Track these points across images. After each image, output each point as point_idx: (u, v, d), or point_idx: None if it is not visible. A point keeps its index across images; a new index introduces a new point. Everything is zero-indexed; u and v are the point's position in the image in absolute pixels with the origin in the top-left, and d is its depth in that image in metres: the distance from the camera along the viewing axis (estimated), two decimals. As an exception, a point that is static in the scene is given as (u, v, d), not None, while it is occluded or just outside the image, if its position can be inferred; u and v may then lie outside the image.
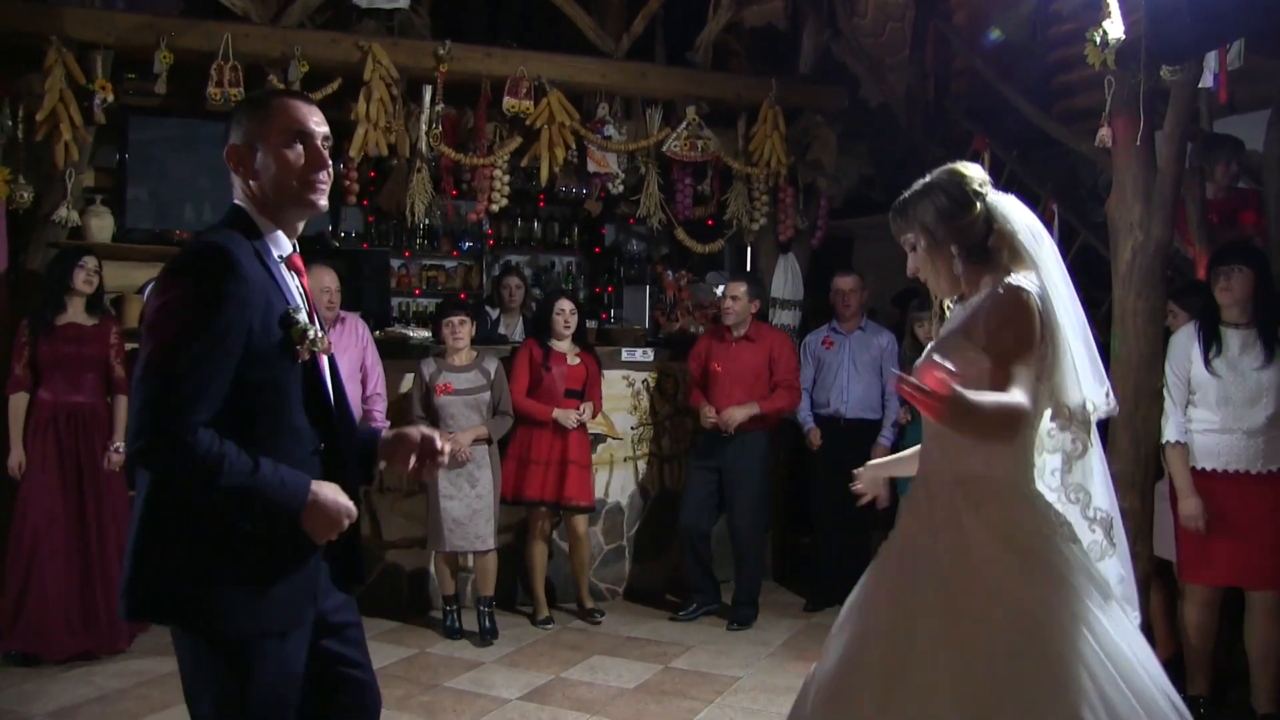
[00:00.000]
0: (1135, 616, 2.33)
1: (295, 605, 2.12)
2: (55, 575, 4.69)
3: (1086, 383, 2.31)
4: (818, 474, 5.97)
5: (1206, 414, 4.07)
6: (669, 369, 6.33)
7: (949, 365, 2.10)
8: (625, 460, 6.26)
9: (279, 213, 2.20)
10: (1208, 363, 4.05)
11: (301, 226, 2.30)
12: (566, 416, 5.44)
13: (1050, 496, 2.35)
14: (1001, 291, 2.27)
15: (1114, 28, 3.95)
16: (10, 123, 5.17)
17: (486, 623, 5.34)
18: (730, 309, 5.66)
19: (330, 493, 2.10)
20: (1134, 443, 4.18)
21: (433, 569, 5.64)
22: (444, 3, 6.89)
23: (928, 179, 2.42)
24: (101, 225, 5.56)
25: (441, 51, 5.84)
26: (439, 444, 2.36)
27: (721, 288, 5.86)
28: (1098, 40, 4.00)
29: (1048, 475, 2.38)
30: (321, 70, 5.63)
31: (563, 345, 5.62)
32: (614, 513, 6.24)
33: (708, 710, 4.40)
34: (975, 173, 2.41)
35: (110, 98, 5.24)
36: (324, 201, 2.23)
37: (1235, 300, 4.03)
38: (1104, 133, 4.35)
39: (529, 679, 4.75)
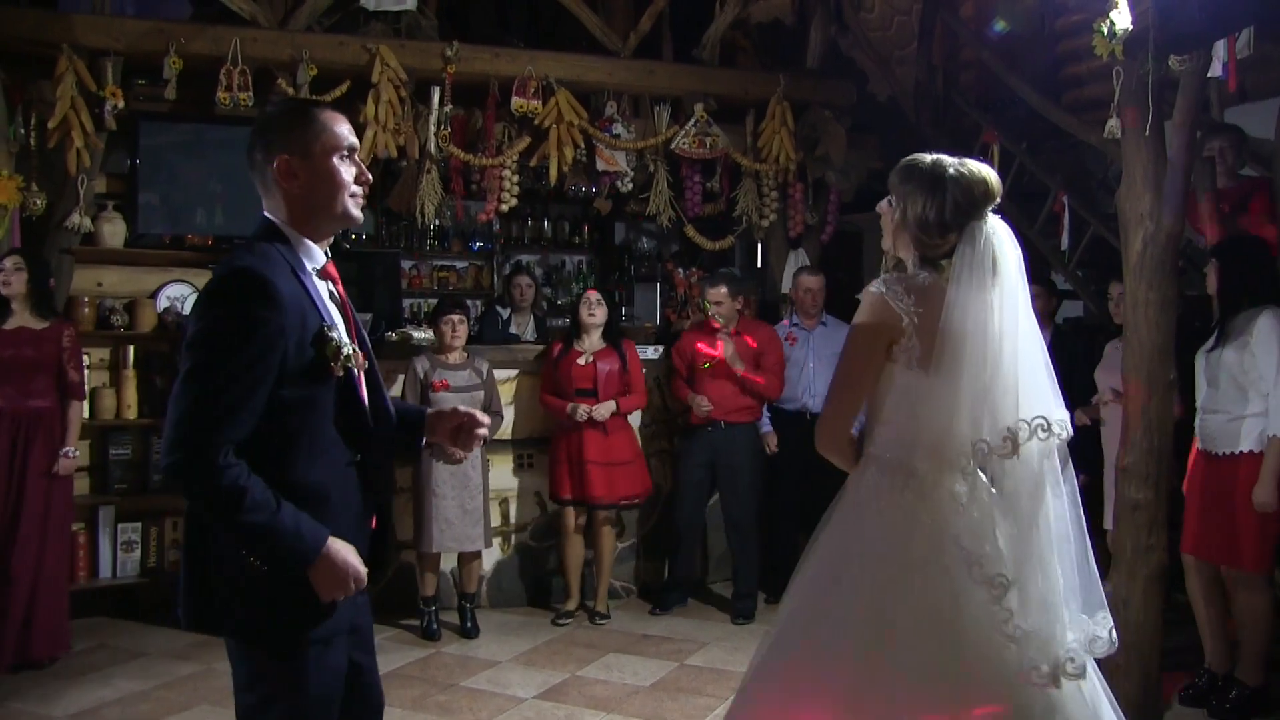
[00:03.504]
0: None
1: (338, 613, 2.14)
2: None
3: (1032, 404, 2.27)
4: (788, 469, 5.98)
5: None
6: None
7: None
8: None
9: (318, 225, 2.21)
10: (1195, 349, 4.37)
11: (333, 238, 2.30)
12: (576, 410, 5.45)
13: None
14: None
15: (1121, 18, 3.93)
16: (22, 130, 5.21)
17: (469, 621, 5.41)
18: (719, 314, 5.68)
19: (343, 553, 2.09)
20: (1147, 434, 4.15)
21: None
22: (451, 4, 6.91)
23: (953, 168, 2.42)
24: (114, 231, 5.59)
25: (449, 52, 5.86)
26: (480, 417, 2.42)
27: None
28: (1105, 31, 3.98)
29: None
30: (330, 73, 5.64)
31: (586, 341, 5.61)
32: (626, 510, 6.23)
33: (724, 707, 4.39)
34: (989, 186, 2.40)
35: (121, 104, 5.27)
36: (360, 215, 2.25)
37: (1211, 293, 4.36)
38: (1113, 123, 4.35)
39: (545, 677, 4.77)
